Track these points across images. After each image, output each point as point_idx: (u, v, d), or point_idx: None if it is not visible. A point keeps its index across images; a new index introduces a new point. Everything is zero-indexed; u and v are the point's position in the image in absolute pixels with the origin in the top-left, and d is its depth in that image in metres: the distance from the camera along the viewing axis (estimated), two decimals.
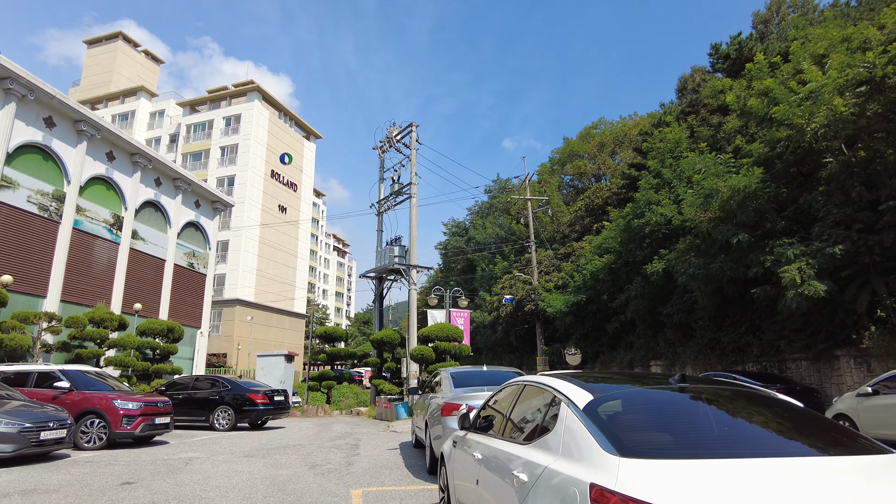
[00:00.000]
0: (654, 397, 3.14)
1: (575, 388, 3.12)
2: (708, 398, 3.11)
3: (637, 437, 2.61)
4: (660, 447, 2.55)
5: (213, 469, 8.98)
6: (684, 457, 2.34)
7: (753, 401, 3.12)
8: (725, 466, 2.24)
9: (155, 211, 26.23)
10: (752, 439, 2.69)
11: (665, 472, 2.20)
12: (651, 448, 2.50)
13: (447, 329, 19.51)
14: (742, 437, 2.71)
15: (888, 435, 11.01)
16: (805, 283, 13.45)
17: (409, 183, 24.46)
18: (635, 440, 2.53)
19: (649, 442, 2.61)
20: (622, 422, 2.78)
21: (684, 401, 3.05)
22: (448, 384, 9.00)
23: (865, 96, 13.84)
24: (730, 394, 3.18)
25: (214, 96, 56.57)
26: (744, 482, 2.11)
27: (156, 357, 22.90)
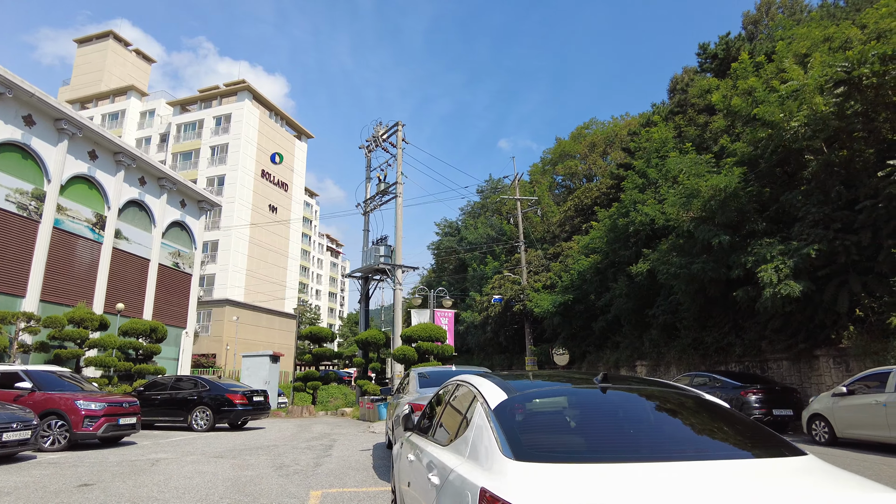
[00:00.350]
0: (569, 398, 3.05)
1: (492, 388, 3.03)
2: (627, 399, 3.03)
3: (539, 439, 2.52)
4: (560, 450, 2.45)
5: (177, 470, 8.85)
6: (582, 461, 2.25)
7: (674, 402, 3.04)
8: (619, 472, 2.14)
9: (139, 210, 26.05)
10: (660, 442, 2.59)
11: (554, 477, 2.09)
12: (550, 451, 2.40)
13: (430, 329, 19.40)
14: (649, 441, 2.62)
15: (861, 435, 10.99)
16: (781, 282, 13.41)
17: (395, 182, 24.35)
18: (535, 443, 2.45)
19: (550, 445, 2.51)
20: (528, 423, 2.68)
21: (601, 402, 2.96)
22: (415, 384, 8.92)
23: (844, 96, 13.80)
24: (652, 395, 3.10)
25: (205, 96, 56.33)
26: (631, 488, 2.00)
27: (139, 357, 22.71)
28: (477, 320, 41.80)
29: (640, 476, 2.11)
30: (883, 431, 10.43)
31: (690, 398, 3.07)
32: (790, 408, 14.13)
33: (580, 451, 2.47)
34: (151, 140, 56.47)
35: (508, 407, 2.73)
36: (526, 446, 2.36)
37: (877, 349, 13.18)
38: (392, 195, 24.66)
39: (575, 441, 2.60)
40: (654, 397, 3.06)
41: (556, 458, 2.30)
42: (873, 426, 10.65)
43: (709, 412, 2.93)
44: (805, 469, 2.30)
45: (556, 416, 2.84)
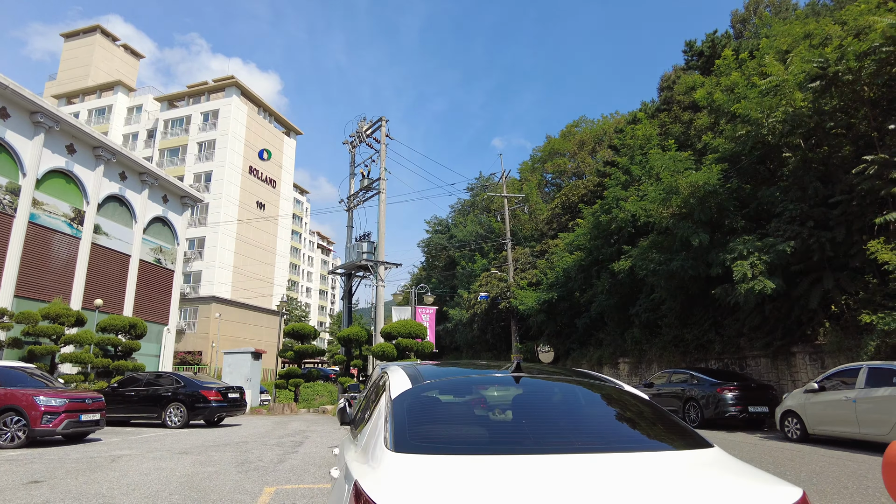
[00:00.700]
0: (472, 388, 2.93)
1: (400, 377, 2.92)
2: (537, 389, 2.92)
3: (428, 430, 2.40)
4: (447, 442, 2.32)
5: (136, 466, 8.69)
6: (466, 452, 2.13)
7: (587, 393, 2.93)
8: (501, 463, 2.01)
9: (119, 205, 25.75)
10: (559, 434, 2.47)
11: (426, 469, 1.96)
12: (435, 443, 2.28)
13: (410, 326, 19.26)
14: (547, 432, 2.50)
15: (832, 431, 10.96)
16: (755, 278, 13.37)
17: (378, 178, 24.19)
18: (423, 434, 2.32)
19: (439, 436, 2.39)
20: (422, 414, 2.55)
21: (509, 392, 2.85)
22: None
23: (820, 91, 13.77)
24: (565, 385, 2.99)
25: (193, 91, 55.88)
26: (507, 481, 1.87)
27: (118, 354, 22.46)
28: (465, 318, 41.70)
29: (521, 468, 1.98)
30: (852, 428, 10.40)
31: (605, 389, 2.95)
32: (766, 405, 14.10)
33: (470, 442, 2.35)
34: (139, 136, 56.00)
35: (408, 396, 2.62)
36: (411, 437, 2.24)
37: (850, 345, 13.16)
38: (375, 191, 24.50)
39: (468, 432, 2.48)
40: (567, 387, 2.95)
41: (439, 449, 2.18)
42: (843, 422, 10.62)
43: (621, 404, 2.83)
44: (703, 462, 2.19)
45: (456, 407, 2.72)
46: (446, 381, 2.97)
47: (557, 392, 2.90)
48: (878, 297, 12.68)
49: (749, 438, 12.35)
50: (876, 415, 9.99)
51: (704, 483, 1.98)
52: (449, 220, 61.07)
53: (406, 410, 2.50)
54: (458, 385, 2.99)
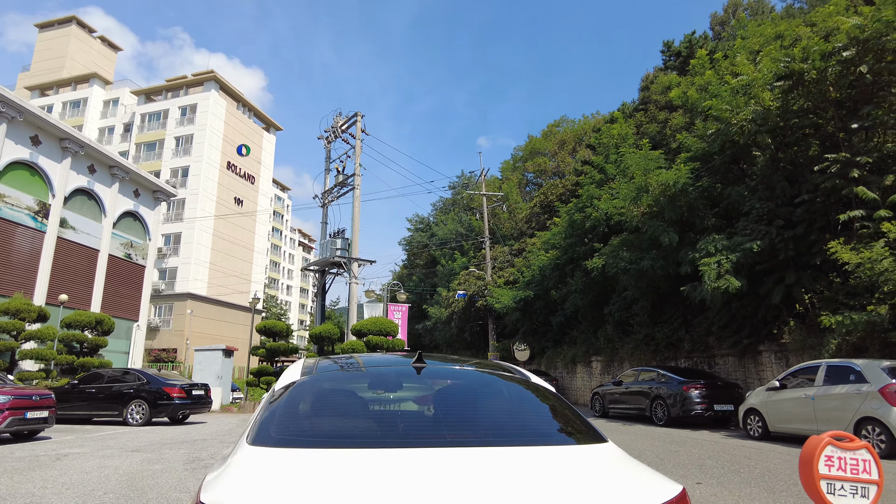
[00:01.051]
0: (367, 379, 2.80)
1: (294, 368, 2.82)
2: (433, 382, 2.79)
3: (292, 423, 2.26)
4: (309, 435, 2.18)
5: (79, 465, 8.41)
6: (326, 446, 2.00)
7: (486, 385, 2.81)
8: (353, 458, 1.87)
9: (88, 199, 25.21)
10: (432, 428, 2.34)
11: (273, 462, 1.82)
12: (294, 436, 2.14)
13: (380, 323, 19.08)
14: (421, 426, 2.38)
15: (791, 429, 11.00)
16: (722, 276, 13.40)
17: (353, 174, 23.96)
18: (286, 427, 2.20)
19: (303, 429, 2.25)
20: (294, 406, 2.40)
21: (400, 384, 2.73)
22: None
23: (786, 90, 13.84)
24: (465, 377, 2.86)
25: (171, 85, 55.09)
26: (350, 477, 1.72)
27: (83, 350, 21.97)
28: (443, 316, 41.61)
29: (378, 462, 1.84)
30: (810, 425, 10.44)
31: (508, 382, 2.83)
32: (732, 403, 14.15)
33: (338, 435, 2.21)
34: (115, 129, 55.08)
35: (289, 388, 2.50)
36: (274, 430, 2.12)
37: (813, 343, 13.25)
38: (350, 187, 24.27)
39: (341, 424, 2.33)
40: (467, 380, 2.82)
41: (299, 442, 2.04)
42: (802, 420, 10.67)
43: (521, 397, 2.71)
44: (585, 458, 2.07)
45: (338, 398, 2.57)
46: (340, 373, 2.83)
47: (455, 384, 2.77)
48: (840, 295, 12.77)
49: (712, 437, 12.37)
50: (833, 412, 10.04)
51: (576, 480, 1.85)
52: (430, 219, 60.94)
53: (281, 402, 2.37)
54: (351, 377, 2.84)
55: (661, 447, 10.43)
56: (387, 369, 2.94)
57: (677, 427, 14.09)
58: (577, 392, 24.50)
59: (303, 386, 2.50)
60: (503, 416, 2.49)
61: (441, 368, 2.92)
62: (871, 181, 12.32)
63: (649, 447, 10.42)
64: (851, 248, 11.57)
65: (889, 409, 9.13)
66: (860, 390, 9.65)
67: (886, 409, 9.15)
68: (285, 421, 2.23)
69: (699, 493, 6.81)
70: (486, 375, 2.85)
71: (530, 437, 2.24)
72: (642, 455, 9.40)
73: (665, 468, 8.29)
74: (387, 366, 3.02)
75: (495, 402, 2.65)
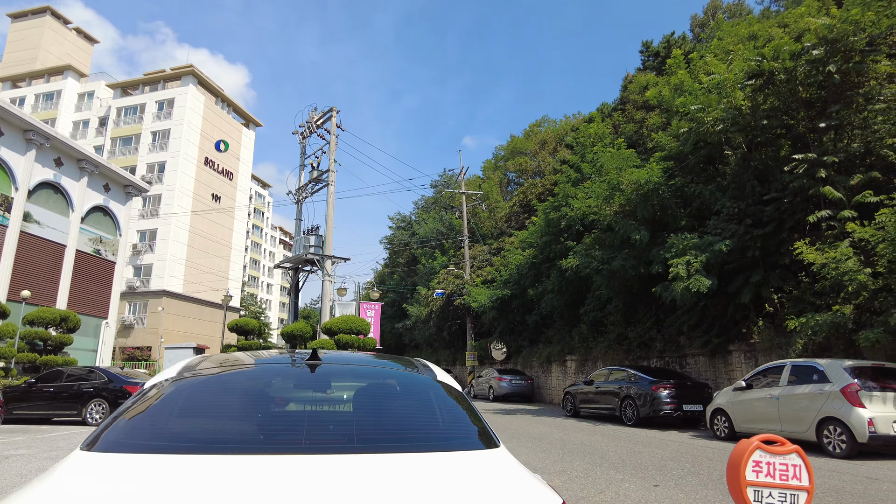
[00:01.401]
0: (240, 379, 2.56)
1: (176, 365, 2.58)
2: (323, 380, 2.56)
3: (137, 425, 2.04)
4: (148, 439, 1.96)
5: (19, 468, 8.03)
6: (163, 451, 1.80)
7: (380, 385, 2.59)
8: (188, 465, 1.67)
9: (55, 193, 24.55)
10: (295, 433, 2.12)
11: (99, 469, 1.66)
12: (133, 440, 1.91)
13: (351, 321, 18.77)
14: (286, 430, 2.16)
15: (756, 429, 10.89)
16: (692, 276, 13.33)
17: (328, 170, 23.61)
18: (129, 429, 1.98)
19: (145, 432, 2.02)
20: (149, 408, 2.17)
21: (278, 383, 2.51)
22: None
23: (757, 88, 13.82)
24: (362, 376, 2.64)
25: (148, 79, 54.16)
26: (172, 486, 1.54)
27: (47, 348, 21.37)
28: (422, 315, 41.35)
29: (212, 470, 1.65)
30: (775, 425, 10.38)
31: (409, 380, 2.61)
32: (701, 403, 14.08)
33: (182, 440, 1.98)
34: (90, 123, 53.98)
35: (154, 388, 2.27)
36: (112, 433, 1.92)
37: (781, 343, 13.24)
38: (325, 183, 23.92)
39: (191, 428, 2.11)
40: (359, 379, 2.61)
41: (133, 447, 1.83)
42: (767, 420, 10.60)
43: (418, 396, 2.49)
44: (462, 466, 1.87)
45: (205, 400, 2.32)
46: (220, 372, 2.58)
47: (346, 385, 2.55)
48: (808, 295, 12.76)
49: (679, 437, 12.28)
50: (796, 412, 10.00)
51: (438, 493, 1.65)
52: (412, 217, 60.65)
53: (135, 403, 2.15)
54: (231, 377, 2.60)
55: (626, 448, 10.30)
56: (275, 368, 2.71)
57: (647, 427, 14.00)
58: (551, 391, 24.41)
59: (170, 385, 2.27)
60: (387, 420, 2.27)
61: (336, 368, 2.69)
62: (838, 181, 12.33)
63: (614, 448, 10.28)
64: (816, 249, 11.56)
65: (850, 409, 9.08)
66: (822, 390, 9.60)
67: (848, 410, 9.11)
68: (131, 423, 2.01)
69: (655, 495, 6.66)
70: (384, 375, 2.64)
71: (408, 443, 2.03)
72: (605, 456, 9.26)
73: (625, 470, 8.15)
74: (277, 363, 2.79)
75: (385, 404, 2.44)
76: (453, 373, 37.56)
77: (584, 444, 10.78)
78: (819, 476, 7.60)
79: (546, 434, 12.44)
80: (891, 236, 10.05)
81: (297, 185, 25.51)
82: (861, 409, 9.00)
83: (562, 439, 11.58)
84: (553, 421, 15.48)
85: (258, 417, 2.20)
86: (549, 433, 12.61)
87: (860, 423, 8.90)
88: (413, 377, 2.63)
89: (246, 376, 2.58)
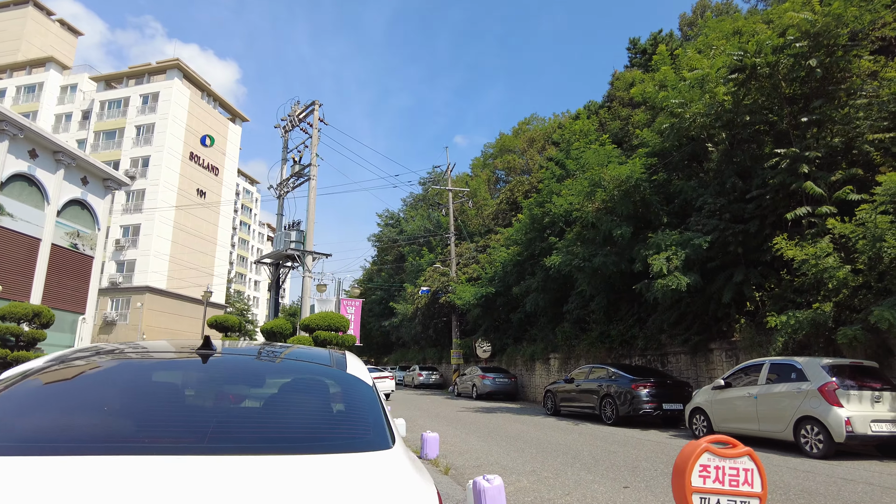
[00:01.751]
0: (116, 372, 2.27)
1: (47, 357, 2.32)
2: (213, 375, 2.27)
3: None
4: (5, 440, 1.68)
5: None
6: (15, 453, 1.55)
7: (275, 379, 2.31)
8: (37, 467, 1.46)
9: (29, 185, 23.93)
10: (159, 431, 1.84)
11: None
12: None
13: (329, 318, 18.39)
14: (151, 428, 1.88)
15: (734, 428, 10.74)
16: (671, 273, 13.12)
17: (310, 164, 23.23)
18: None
19: None
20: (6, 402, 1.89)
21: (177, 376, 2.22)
22: None
23: (740, 83, 13.64)
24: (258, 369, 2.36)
25: (133, 72, 53.35)
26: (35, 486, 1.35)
27: (19, 344, 20.83)
28: (409, 313, 41.04)
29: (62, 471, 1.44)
30: (752, 424, 10.20)
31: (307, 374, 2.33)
32: (681, 402, 13.89)
33: (24, 439, 1.69)
34: (73, 116, 53.11)
35: (11, 380, 1.99)
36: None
37: (762, 341, 13.08)
38: (306, 177, 23.53)
39: (36, 426, 1.81)
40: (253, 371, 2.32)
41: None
42: (745, 419, 10.42)
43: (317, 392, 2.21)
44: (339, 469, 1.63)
45: (62, 395, 2.04)
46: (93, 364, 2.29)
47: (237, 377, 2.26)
48: (789, 293, 12.60)
49: (658, 437, 12.08)
50: (774, 411, 9.80)
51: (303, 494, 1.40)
52: (400, 214, 60.29)
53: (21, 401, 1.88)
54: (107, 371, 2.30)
55: (601, 448, 10.07)
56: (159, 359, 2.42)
57: (627, 426, 13.80)
58: (535, 390, 24.20)
59: (30, 378, 1.99)
60: (270, 418, 1.99)
61: (231, 359, 2.40)
62: (820, 177, 12.16)
63: (588, 448, 10.05)
64: (796, 244, 11.38)
65: (828, 408, 8.90)
66: (800, 389, 9.41)
67: (825, 409, 8.92)
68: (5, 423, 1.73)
69: (623, 497, 6.42)
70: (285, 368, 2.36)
71: (286, 445, 1.75)
72: (579, 456, 9.02)
73: (597, 470, 7.91)
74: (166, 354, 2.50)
75: (274, 400, 2.15)
76: (438, 371, 37.28)
77: (559, 444, 10.55)
78: (793, 477, 7.40)
79: (522, 433, 12.20)
80: (871, 232, 9.88)
81: (278, 180, 25.10)
82: (839, 409, 8.82)
83: (538, 438, 11.34)
84: (532, 420, 15.25)
85: (119, 414, 1.92)
86: (525, 432, 12.37)
87: (837, 423, 8.71)
88: (318, 370, 2.35)
89: (123, 368, 2.28)
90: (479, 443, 10.68)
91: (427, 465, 8.27)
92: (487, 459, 8.85)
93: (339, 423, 1.96)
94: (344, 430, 1.90)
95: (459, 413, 17.19)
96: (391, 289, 51.72)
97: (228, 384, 2.21)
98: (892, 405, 9.11)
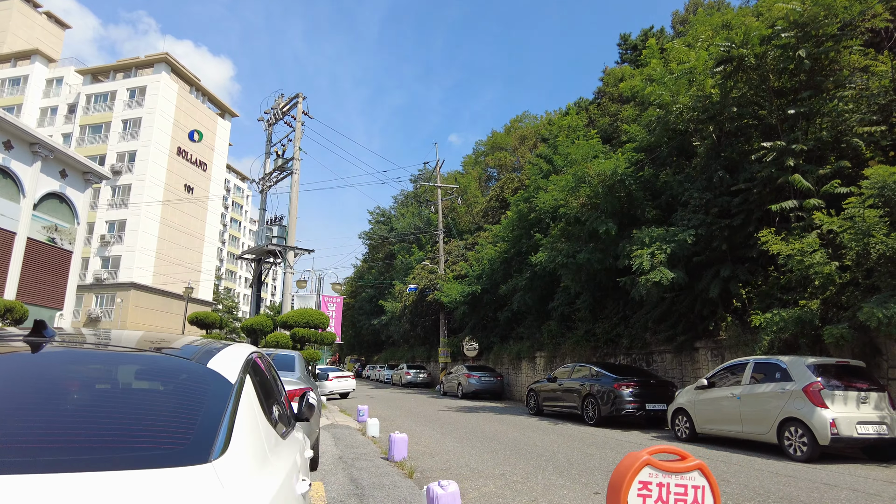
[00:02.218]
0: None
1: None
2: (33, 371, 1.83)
3: None
4: None
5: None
6: None
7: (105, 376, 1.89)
8: None
9: (3, 177, 23.33)
10: None
11: None
12: None
13: (308, 315, 17.95)
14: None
15: (717, 430, 10.39)
16: (655, 268, 12.74)
17: (293, 158, 22.76)
18: None
19: None
20: None
21: None
22: None
23: (727, 75, 13.27)
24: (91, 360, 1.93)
25: (120, 66, 52.63)
26: None
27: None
28: (397, 311, 40.59)
29: None
30: (736, 426, 9.83)
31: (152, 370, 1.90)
32: (665, 402, 13.52)
33: None
34: (58, 110, 52.34)
35: None
36: None
37: (748, 340, 12.72)
38: (289, 171, 23.06)
39: None
40: (85, 365, 1.89)
41: None
42: (728, 420, 10.05)
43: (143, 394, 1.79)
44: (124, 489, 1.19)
45: None
46: None
47: (62, 373, 1.83)
48: (775, 290, 12.25)
49: (639, 438, 11.70)
50: (758, 413, 9.44)
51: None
52: (392, 212, 59.81)
53: None
54: None
55: (579, 450, 9.68)
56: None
57: (609, 427, 13.42)
58: (521, 388, 23.82)
59: None
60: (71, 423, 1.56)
61: (65, 351, 1.97)
62: (807, 171, 11.81)
63: (565, 450, 9.66)
64: (782, 239, 11.02)
65: (812, 409, 8.53)
66: (784, 389, 9.05)
67: (810, 410, 8.56)
68: None
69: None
70: (121, 360, 1.93)
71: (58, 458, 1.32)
72: (553, 458, 8.62)
73: (569, 474, 7.52)
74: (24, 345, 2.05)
75: (90, 400, 1.72)
76: (426, 370, 36.85)
77: (535, 445, 10.15)
78: (774, 482, 7.02)
79: (500, 433, 11.80)
80: (858, 227, 9.53)
81: (261, 174, 24.61)
82: (823, 410, 8.46)
83: (515, 439, 10.94)
84: (513, 419, 14.85)
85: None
86: (503, 432, 11.97)
87: (822, 425, 8.35)
88: (165, 363, 1.93)
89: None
90: (453, 444, 10.27)
91: (392, 467, 7.85)
92: (458, 462, 8.43)
93: (142, 431, 1.53)
94: (145, 439, 1.47)
95: (440, 412, 16.78)
96: (382, 286, 51.25)
97: (43, 381, 1.77)
98: (878, 406, 8.76)
